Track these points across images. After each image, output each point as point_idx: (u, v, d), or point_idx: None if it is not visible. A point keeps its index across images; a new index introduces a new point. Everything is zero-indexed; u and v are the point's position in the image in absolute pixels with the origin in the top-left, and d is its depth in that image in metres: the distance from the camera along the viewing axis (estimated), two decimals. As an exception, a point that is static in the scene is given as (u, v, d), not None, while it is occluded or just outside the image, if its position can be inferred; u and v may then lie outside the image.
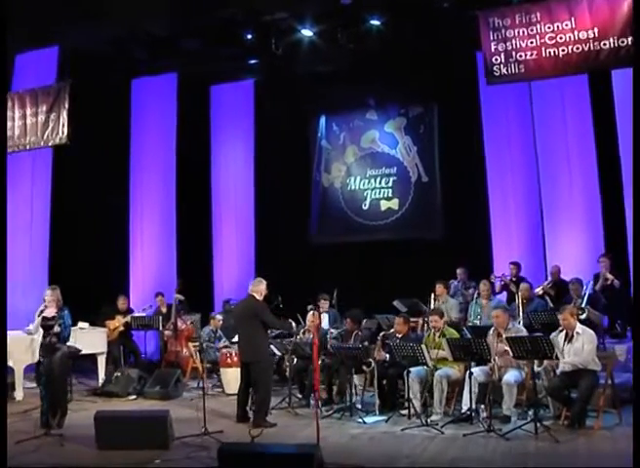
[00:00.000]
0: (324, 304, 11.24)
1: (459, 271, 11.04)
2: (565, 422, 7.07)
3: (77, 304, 10.94)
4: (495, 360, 7.37)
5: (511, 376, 7.36)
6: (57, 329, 7.81)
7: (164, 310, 11.23)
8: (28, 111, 9.92)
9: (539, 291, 9.68)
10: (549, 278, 10.02)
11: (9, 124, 10.07)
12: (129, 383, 9.73)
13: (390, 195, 13.36)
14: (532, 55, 8.16)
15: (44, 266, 11.43)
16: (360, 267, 12.90)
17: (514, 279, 10.39)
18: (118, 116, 12.57)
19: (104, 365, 10.39)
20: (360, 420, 7.73)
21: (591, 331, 7.23)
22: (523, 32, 8.22)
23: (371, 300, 10.88)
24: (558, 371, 7.14)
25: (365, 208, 13.53)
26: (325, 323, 10.70)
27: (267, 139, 13.55)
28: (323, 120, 13.93)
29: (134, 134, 13.09)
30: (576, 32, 7.99)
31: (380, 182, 13.46)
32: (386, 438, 7.04)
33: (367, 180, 13.57)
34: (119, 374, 9.81)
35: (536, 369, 7.14)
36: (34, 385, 9.18)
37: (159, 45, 11.63)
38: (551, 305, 9.27)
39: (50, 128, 9.79)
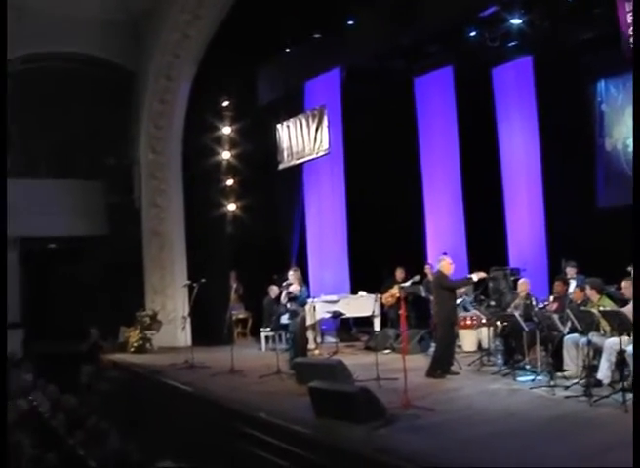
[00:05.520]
0: (571, 271, 11.90)
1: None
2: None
3: (370, 276, 13.76)
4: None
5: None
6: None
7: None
8: (305, 130, 12.91)
9: None
10: None
11: (295, 140, 13.22)
12: (385, 340, 12.08)
13: (673, 153, 12.67)
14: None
15: (344, 245, 14.43)
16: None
17: None
18: (403, 113, 14.82)
19: (379, 325, 12.90)
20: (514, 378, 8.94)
21: None
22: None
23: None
24: None
25: (647, 168, 13.07)
26: (570, 288, 11.33)
27: (549, 111, 14.08)
28: (602, 84, 13.77)
29: (420, 124, 15.14)
30: None
31: (660, 141, 12.85)
32: (499, 393, 8.34)
33: (648, 140, 13.06)
34: (378, 333, 12.25)
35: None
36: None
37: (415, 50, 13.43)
38: None
39: (319, 141, 12.62)
